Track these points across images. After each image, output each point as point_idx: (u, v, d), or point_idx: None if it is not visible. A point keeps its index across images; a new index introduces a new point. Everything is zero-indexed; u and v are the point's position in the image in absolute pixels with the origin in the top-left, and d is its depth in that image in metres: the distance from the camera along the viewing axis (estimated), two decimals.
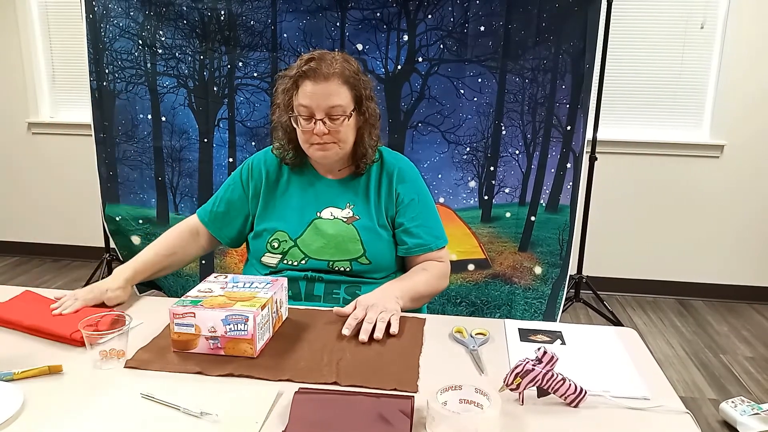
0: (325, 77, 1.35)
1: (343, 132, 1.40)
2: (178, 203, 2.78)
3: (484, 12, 2.45)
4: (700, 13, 3.16)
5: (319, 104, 1.36)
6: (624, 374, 1.11)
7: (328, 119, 1.37)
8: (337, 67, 1.37)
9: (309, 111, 1.37)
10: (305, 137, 1.42)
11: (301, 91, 1.38)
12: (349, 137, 1.43)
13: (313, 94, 1.36)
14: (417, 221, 1.50)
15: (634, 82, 3.26)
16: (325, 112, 1.37)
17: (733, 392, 2.42)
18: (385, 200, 1.49)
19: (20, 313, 1.27)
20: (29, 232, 3.92)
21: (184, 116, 2.69)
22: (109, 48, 2.66)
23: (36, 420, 0.94)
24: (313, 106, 1.36)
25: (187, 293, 1.20)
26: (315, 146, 1.41)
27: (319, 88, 1.35)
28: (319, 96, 1.36)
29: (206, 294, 1.20)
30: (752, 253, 3.36)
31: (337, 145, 1.41)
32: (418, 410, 0.95)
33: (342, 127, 1.39)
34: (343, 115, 1.38)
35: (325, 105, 1.36)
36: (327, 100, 1.36)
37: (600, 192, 3.08)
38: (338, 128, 1.38)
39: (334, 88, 1.36)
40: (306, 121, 1.39)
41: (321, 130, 1.37)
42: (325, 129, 1.37)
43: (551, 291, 2.63)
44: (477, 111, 2.54)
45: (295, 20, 2.53)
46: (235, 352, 1.14)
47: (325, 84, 1.35)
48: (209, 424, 0.93)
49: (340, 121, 1.38)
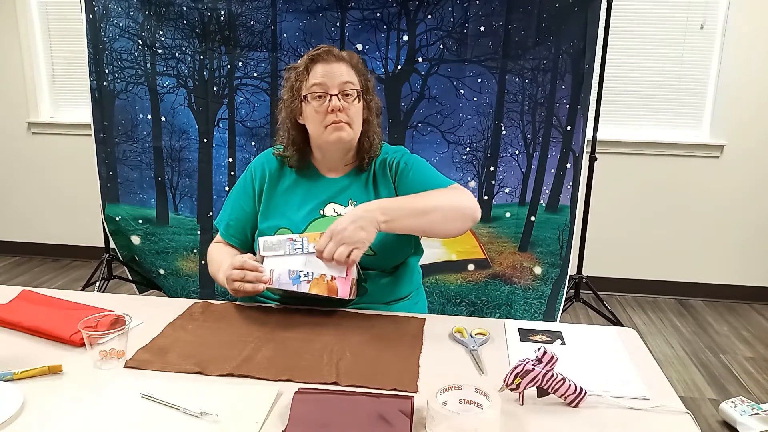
0: (337, 58, 1.42)
1: (354, 112, 1.43)
2: (177, 203, 2.78)
3: (484, 12, 2.45)
4: (700, 13, 3.16)
5: (333, 81, 1.40)
6: (624, 374, 1.11)
7: (342, 96, 1.40)
8: (345, 54, 1.44)
9: (323, 88, 1.40)
10: (319, 119, 1.41)
11: (312, 73, 1.42)
12: (358, 120, 1.45)
13: (325, 72, 1.40)
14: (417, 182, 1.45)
15: (634, 82, 3.26)
16: (339, 88, 1.40)
17: (733, 392, 2.42)
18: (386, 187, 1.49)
19: (20, 314, 1.27)
20: (29, 232, 3.92)
21: (183, 116, 2.69)
22: (109, 48, 2.66)
23: (36, 420, 0.94)
24: (327, 83, 1.40)
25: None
26: (331, 127, 1.41)
27: (331, 68, 1.41)
28: (333, 74, 1.40)
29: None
30: (752, 253, 3.36)
31: (350, 125, 1.43)
32: (418, 410, 0.95)
33: (353, 106, 1.42)
34: (356, 92, 1.42)
35: (339, 80, 1.40)
36: (341, 77, 1.41)
37: (600, 192, 3.08)
38: (350, 106, 1.41)
39: (345, 69, 1.42)
40: (319, 100, 1.40)
41: (337, 105, 1.39)
42: (339, 105, 1.39)
43: (551, 291, 2.63)
44: (477, 111, 2.54)
45: (295, 20, 2.53)
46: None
47: (337, 64, 1.42)
48: (209, 424, 0.93)
49: (352, 98, 1.42)
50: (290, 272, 1.25)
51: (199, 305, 1.39)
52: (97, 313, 1.19)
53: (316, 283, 1.25)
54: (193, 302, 1.40)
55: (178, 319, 1.31)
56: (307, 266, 1.25)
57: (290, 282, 1.25)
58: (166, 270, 2.85)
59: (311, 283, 1.25)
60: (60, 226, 3.87)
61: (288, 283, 1.25)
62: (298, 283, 1.25)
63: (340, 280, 1.26)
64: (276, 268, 1.27)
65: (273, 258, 1.28)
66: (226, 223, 1.56)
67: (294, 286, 1.25)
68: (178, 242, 2.81)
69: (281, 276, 1.26)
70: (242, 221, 1.54)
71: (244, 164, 2.65)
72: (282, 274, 1.26)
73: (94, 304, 1.33)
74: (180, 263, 2.83)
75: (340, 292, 1.26)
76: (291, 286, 1.25)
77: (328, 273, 1.25)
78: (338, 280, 1.26)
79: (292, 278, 1.25)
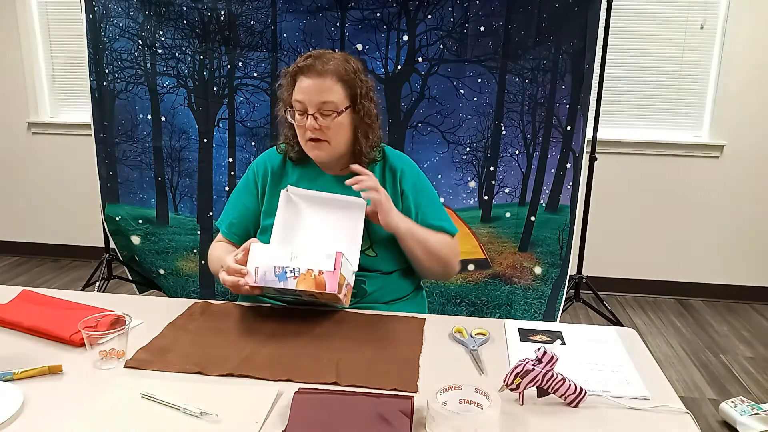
0: (319, 73, 1.39)
1: (334, 130, 1.41)
2: (177, 203, 2.78)
3: (484, 12, 2.45)
4: (700, 13, 3.15)
5: (311, 99, 1.39)
6: (624, 374, 1.11)
7: (320, 115, 1.40)
8: (332, 65, 1.40)
9: (302, 106, 1.40)
10: (300, 132, 1.44)
11: (297, 86, 1.41)
12: (340, 136, 1.44)
13: (307, 89, 1.39)
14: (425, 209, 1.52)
15: (634, 82, 3.26)
16: (317, 107, 1.39)
17: (733, 392, 2.42)
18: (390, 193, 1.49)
19: (20, 314, 1.27)
20: (29, 232, 3.92)
21: (183, 116, 2.69)
22: (109, 48, 2.66)
23: (36, 420, 0.94)
24: (306, 101, 1.39)
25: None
26: (309, 143, 1.44)
27: (313, 84, 1.39)
28: (312, 91, 1.39)
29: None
30: (752, 253, 3.36)
31: (328, 143, 1.42)
32: (418, 410, 0.95)
33: (332, 124, 1.40)
34: (333, 112, 1.40)
35: (317, 100, 1.39)
36: (319, 96, 1.39)
37: (600, 192, 3.08)
38: (328, 124, 1.40)
39: (327, 85, 1.39)
40: (300, 116, 1.42)
41: (311, 125, 1.39)
42: (315, 124, 1.39)
43: (551, 291, 2.63)
44: (477, 111, 2.54)
45: (295, 20, 2.53)
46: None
47: (319, 80, 1.39)
48: (209, 424, 0.93)
49: (330, 118, 1.40)
50: (275, 269, 1.22)
51: (199, 305, 1.39)
52: (97, 313, 1.19)
53: (303, 279, 1.21)
54: (193, 302, 1.40)
55: (178, 319, 1.32)
56: (293, 261, 1.22)
57: (276, 279, 1.22)
58: (166, 270, 2.85)
59: (298, 279, 1.21)
60: (60, 226, 3.87)
61: (274, 281, 1.22)
62: (284, 280, 1.22)
63: (327, 274, 1.22)
64: (261, 266, 1.24)
65: (258, 255, 1.25)
66: (229, 222, 1.56)
67: (280, 283, 1.22)
68: (178, 242, 2.81)
69: (266, 274, 1.23)
70: (245, 219, 1.54)
71: (244, 164, 2.65)
72: (267, 272, 1.23)
73: (94, 304, 1.33)
74: (180, 263, 2.83)
75: (328, 286, 1.21)
76: (277, 284, 1.22)
77: (315, 267, 1.22)
78: (326, 274, 1.21)
79: (277, 275, 1.22)
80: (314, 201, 1.43)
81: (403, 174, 1.52)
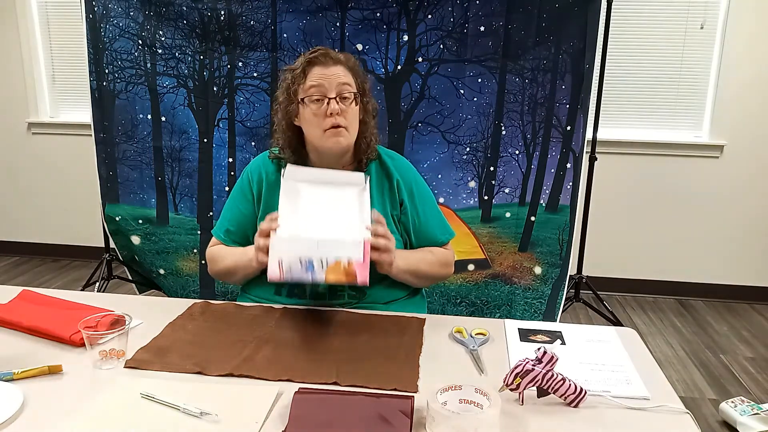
0: (334, 61, 1.42)
1: (351, 115, 1.43)
2: (177, 203, 2.78)
3: (484, 12, 2.45)
4: (700, 13, 3.16)
5: (330, 83, 1.40)
6: (624, 374, 1.11)
7: (340, 99, 1.40)
8: (342, 57, 1.45)
9: (321, 91, 1.40)
10: (317, 122, 1.41)
11: (310, 76, 1.41)
12: (355, 125, 1.45)
13: (323, 75, 1.40)
14: (421, 218, 1.52)
15: (634, 82, 3.26)
16: (337, 91, 1.40)
17: (733, 392, 2.42)
18: (387, 199, 1.50)
19: (20, 314, 1.27)
20: (29, 232, 3.92)
21: (183, 116, 2.69)
22: (109, 48, 2.66)
23: (36, 420, 0.94)
24: (325, 85, 1.40)
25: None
26: (329, 132, 1.40)
27: (329, 70, 1.41)
28: (330, 76, 1.40)
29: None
30: (752, 253, 3.36)
31: (348, 129, 1.43)
32: (418, 410, 0.95)
33: (351, 109, 1.42)
34: (353, 95, 1.42)
35: (336, 82, 1.40)
36: (338, 79, 1.41)
37: (600, 192, 3.08)
38: (348, 109, 1.41)
39: (342, 71, 1.42)
40: (317, 104, 1.40)
41: (335, 109, 1.39)
42: (338, 108, 1.39)
43: (551, 291, 2.63)
44: (477, 111, 2.54)
45: (295, 20, 2.53)
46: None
47: (334, 67, 1.42)
48: (209, 424, 0.93)
49: (349, 101, 1.41)
50: (301, 261, 1.12)
51: (199, 305, 1.39)
52: (97, 313, 1.19)
53: (333, 270, 1.12)
54: (193, 302, 1.40)
55: (178, 319, 1.32)
56: (320, 250, 1.12)
57: (303, 271, 1.12)
58: (166, 270, 2.85)
59: (327, 269, 1.12)
60: (60, 226, 3.87)
61: (301, 273, 1.12)
62: (312, 271, 1.12)
63: (357, 264, 1.12)
64: (285, 258, 1.13)
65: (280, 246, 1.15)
66: (226, 229, 1.55)
67: (308, 275, 1.12)
68: (178, 242, 2.81)
69: (292, 266, 1.12)
70: (243, 225, 1.54)
71: (244, 164, 2.64)
72: (293, 264, 1.12)
73: (94, 304, 1.33)
74: (180, 263, 2.83)
75: (360, 277, 1.13)
76: (305, 275, 1.12)
77: (344, 256, 1.12)
78: (356, 264, 1.12)
79: (305, 267, 1.12)
80: (316, 178, 1.36)
81: (401, 175, 1.52)
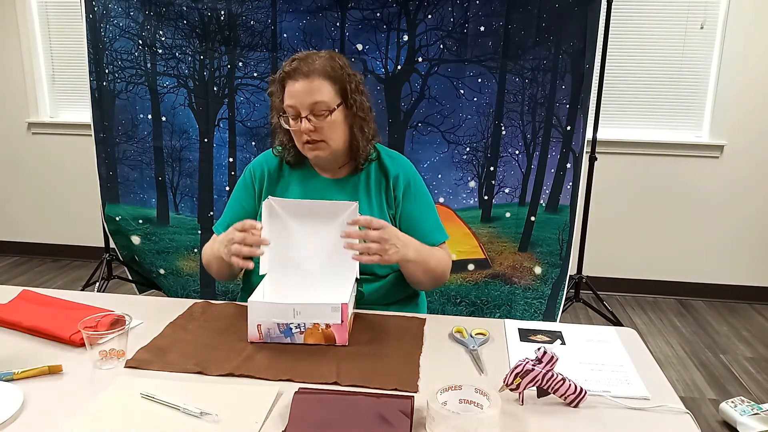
0: (306, 75, 1.38)
1: (328, 128, 1.41)
2: (178, 203, 2.78)
3: (484, 12, 2.45)
4: (700, 13, 3.15)
5: (302, 102, 1.38)
6: (624, 374, 1.11)
7: (313, 116, 1.39)
8: (318, 65, 1.39)
9: (294, 110, 1.40)
10: (296, 137, 1.44)
11: (286, 91, 1.41)
12: (337, 134, 1.43)
13: (296, 92, 1.38)
14: (416, 214, 1.51)
15: (634, 82, 3.26)
16: (309, 109, 1.38)
17: (733, 392, 2.42)
18: (384, 199, 1.50)
19: (20, 314, 1.27)
20: (29, 232, 3.92)
21: (184, 116, 2.69)
22: (109, 48, 2.66)
23: (36, 420, 0.94)
24: (297, 105, 1.39)
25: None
26: (307, 146, 1.43)
27: (302, 86, 1.38)
28: (302, 94, 1.38)
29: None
30: (752, 253, 3.36)
31: (326, 143, 1.42)
32: (418, 410, 0.95)
33: (326, 124, 1.40)
34: (326, 111, 1.39)
35: (308, 102, 1.38)
36: (309, 97, 1.38)
37: (600, 192, 3.08)
38: (323, 125, 1.39)
39: (315, 85, 1.38)
40: (294, 120, 1.41)
41: (306, 128, 1.39)
42: (310, 126, 1.39)
43: (551, 291, 2.63)
44: (477, 111, 2.54)
45: (295, 20, 2.53)
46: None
47: (307, 81, 1.38)
48: (209, 424, 0.93)
49: (323, 117, 1.39)
50: (279, 326, 1.19)
51: (200, 305, 1.39)
52: (97, 313, 1.19)
53: (311, 333, 1.19)
54: (193, 302, 1.40)
55: (179, 319, 1.32)
56: (297, 317, 1.18)
57: (282, 335, 1.19)
58: (166, 270, 2.85)
59: (305, 334, 1.19)
60: (60, 226, 3.87)
61: (280, 337, 1.19)
62: (291, 336, 1.19)
63: (335, 327, 1.18)
64: (263, 323, 1.19)
65: (258, 312, 1.20)
66: (227, 225, 1.56)
67: (287, 339, 1.19)
68: (178, 242, 2.81)
69: (270, 330, 1.19)
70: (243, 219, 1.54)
71: (245, 164, 2.65)
72: (271, 329, 1.19)
73: (94, 304, 1.33)
74: (180, 263, 2.83)
75: (338, 339, 1.19)
76: (283, 339, 1.19)
77: (322, 321, 1.18)
78: (334, 327, 1.18)
79: (282, 331, 1.19)
80: (300, 211, 1.36)
81: (398, 175, 1.51)
